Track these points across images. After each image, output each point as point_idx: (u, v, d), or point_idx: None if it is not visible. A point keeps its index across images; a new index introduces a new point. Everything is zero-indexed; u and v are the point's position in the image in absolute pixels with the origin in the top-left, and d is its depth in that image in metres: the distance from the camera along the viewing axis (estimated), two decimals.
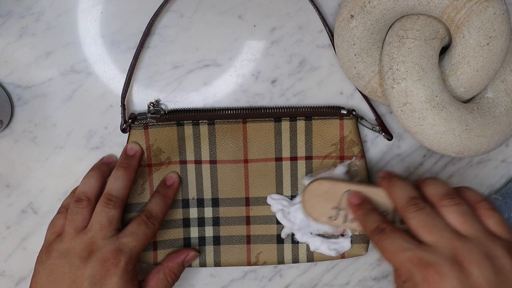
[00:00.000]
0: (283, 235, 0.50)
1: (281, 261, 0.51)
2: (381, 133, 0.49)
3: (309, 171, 0.49)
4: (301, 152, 0.49)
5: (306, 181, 0.47)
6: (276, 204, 0.49)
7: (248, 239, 0.50)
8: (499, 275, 0.36)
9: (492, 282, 0.36)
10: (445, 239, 0.38)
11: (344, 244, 0.49)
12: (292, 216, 0.48)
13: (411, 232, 0.39)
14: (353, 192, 0.44)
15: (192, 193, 0.50)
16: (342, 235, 0.49)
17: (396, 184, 0.42)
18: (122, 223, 0.47)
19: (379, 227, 0.41)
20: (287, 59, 0.49)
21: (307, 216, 0.46)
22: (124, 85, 0.48)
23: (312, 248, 0.49)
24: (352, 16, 0.44)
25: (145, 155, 0.48)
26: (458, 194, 0.40)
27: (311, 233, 0.49)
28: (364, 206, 0.43)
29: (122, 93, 0.48)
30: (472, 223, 0.38)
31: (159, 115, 0.48)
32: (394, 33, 0.44)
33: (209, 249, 0.51)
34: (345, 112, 0.48)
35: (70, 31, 0.48)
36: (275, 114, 0.48)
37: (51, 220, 0.47)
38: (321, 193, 0.45)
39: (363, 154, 0.49)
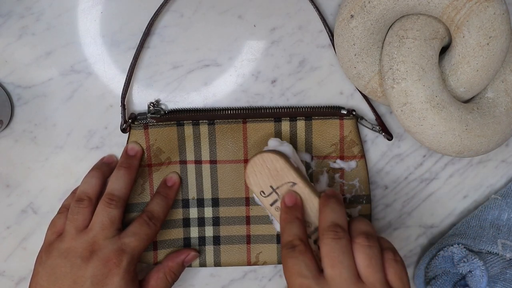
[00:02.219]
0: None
1: (281, 261, 0.51)
2: (381, 133, 0.49)
3: (309, 172, 0.49)
4: (301, 152, 0.49)
5: (270, 143, 0.46)
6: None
7: (248, 239, 0.50)
8: None
9: None
10: (341, 279, 0.38)
11: None
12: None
13: (320, 256, 0.39)
14: (292, 192, 0.43)
15: (192, 193, 0.50)
16: None
17: (330, 204, 0.42)
18: (123, 223, 0.47)
19: (292, 242, 0.40)
20: (287, 59, 0.49)
21: (246, 178, 0.45)
22: (124, 85, 0.48)
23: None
24: (352, 16, 0.44)
25: (145, 155, 0.48)
26: (376, 238, 0.40)
27: None
28: (293, 212, 0.42)
29: (122, 93, 0.48)
30: (375, 271, 0.38)
31: (159, 115, 0.48)
32: (394, 33, 0.44)
33: (209, 249, 0.51)
34: (345, 112, 0.48)
35: (70, 31, 0.48)
36: (275, 114, 0.48)
37: (52, 220, 0.47)
38: (271, 167, 0.43)
39: (363, 154, 0.49)
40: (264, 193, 0.44)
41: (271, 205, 0.44)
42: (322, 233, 0.40)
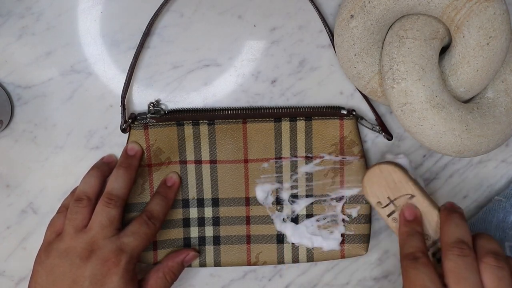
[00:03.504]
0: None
1: (281, 261, 0.51)
2: (381, 133, 0.49)
3: (308, 172, 0.49)
4: (301, 152, 0.49)
5: (388, 156, 0.46)
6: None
7: (248, 239, 0.50)
8: None
9: None
10: None
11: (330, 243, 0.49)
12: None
13: (443, 271, 0.39)
14: (411, 205, 0.43)
15: (192, 193, 0.50)
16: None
17: (454, 220, 0.41)
18: (122, 223, 0.47)
19: (414, 254, 0.40)
20: (287, 59, 0.49)
21: (362, 187, 0.45)
22: (124, 85, 0.48)
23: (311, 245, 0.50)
24: (352, 16, 0.44)
25: (145, 155, 0.48)
26: (506, 259, 0.39)
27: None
28: (413, 226, 0.43)
29: (122, 93, 0.48)
30: None
31: (159, 115, 0.48)
32: (394, 33, 0.44)
33: (209, 249, 0.51)
34: (345, 112, 0.48)
35: (70, 31, 0.48)
36: (275, 114, 0.48)
37: (51, 220, 0.47)
38: (389, 179, 0.44)
39: (363, 154, 0.49)
40: (381, 204, 0.44)
41: (388, 215, 0.44)
42: (446, 249, 0.40)
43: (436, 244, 0.43)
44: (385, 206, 0.44)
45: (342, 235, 0.50)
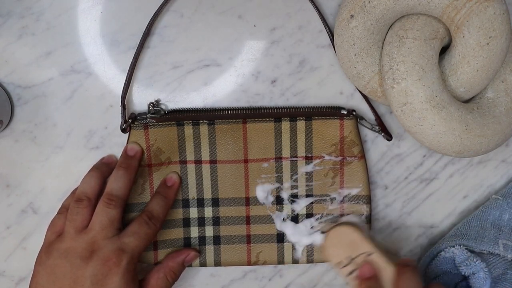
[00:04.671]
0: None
1: (281, 261, 0.51)
2: (381, 133, 0.49)
3: (308, 172, 0.49)
4: (301, 152, 0.49)
5: (348, 218, 0.49)
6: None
7: (248, 239, 0.50)
8: None
9: None
10: None
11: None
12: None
13: None
14: (368, 264, 0.45)
15: (192, 193, 0.50)
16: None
17: (407, 274, 0.44)
18: (123, 223, 0.47)
19: None
20: (287, 59, 0.49)
21: (324, 250, 0.48)
22: (124, 85, 0.48)
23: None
24: (352, 16, 0.44)
25: (145, 155, 0.48)
26: None
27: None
28: (370, 283, 0.45)
29: (122, 93, 0.48)
30: None
31: (159, 115, 0.48)
32: (394, 33, 0.44)
33: (209, 249, 0.51)
34: (345, 112, 0.48)
35: (70, 31, 0.48)
36: (275, 114, 0.48)
37: (51, 220, 0.47)
38: (348, 240, 0.46)
39: (363, 154, 0.49)
40: (342, 264, 0.46)
41: (348, 274, 0.46)
42: None
43: None
44: (346, 266, 0.46)
45: None
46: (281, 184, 0.50)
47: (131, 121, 0.48)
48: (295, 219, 0.50)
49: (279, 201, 0.50)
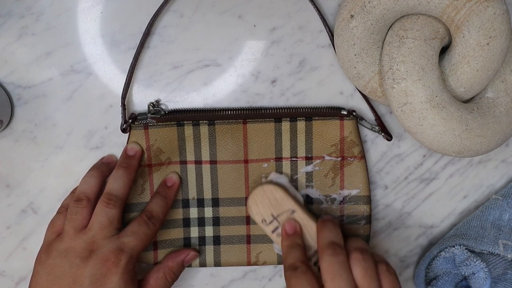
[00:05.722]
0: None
1: (281, 261, 0.51)
2: (381, 133, 0.49)
3: (309, 172, 0.49)
4: (301, 152, 0.49)
5: (271, 177, 0.49)
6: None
7: (248, 239, 0.50)
8: None
9: None
10: None
11: None
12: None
13: (320, 273, 0.42)
14: (291, 220, 0.47)
15: (192, 193, 0.50)
16: None
17: (328, 226, 0.45)
18: (122, 223, 0.47)
19: (294, 264, 0.43)
20: (287, 59, 0.49)
21: (248, 207, 0.48)
22: (124, 85, 0.48)
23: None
24: (352, 16, 0.44)
25: (145, 155, 0.48)
26: (369, 253, 0.43)
27: None
28: (293, 238, 0.46)
29: (122, 93, 0.48)
30: (371, 281, 0.41)
31: (159, 115, 0.48)
32: (394, 33, 0.44)
33: (209, 249, 0.51)
34: (345, 112, 0.48)
35: (70, 31, 0.48)
36: (275, 115, 0.48)
37: (51, 220, 0.47)
38: (271, 197, 0.47)
39: (363, 155, 0.49)
40: (266, 221, 0.47)
41: (273, 232, 0.47)
42: (321, 251, 0.43)
43: (317, 253, 0.45)
44: (270, 223, 0.47)
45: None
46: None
47: (131, 121, 0.48)
48: None
49: None
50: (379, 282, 0.42)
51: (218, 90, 0.49)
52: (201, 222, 0.50)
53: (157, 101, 0.49)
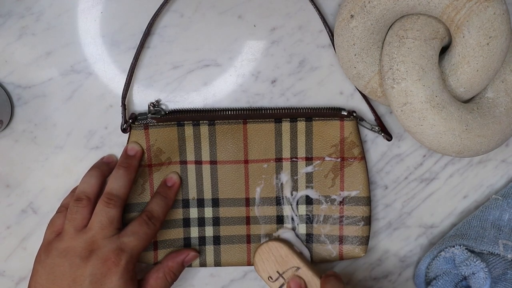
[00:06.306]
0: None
1: None
2: (381, 133, 0.49)
3: (309, 173, 0.49)
4: (301, 152, 0.49)
5: (278, 232, 0.50)
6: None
7: (248, 239, 0.50)
8: None
9: None
10: None
11: None
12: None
13: None
14: (295, 277, 0.48)
15: (192, 193, 0.50)
16: None
17: (330, 281, 0.46)
18: (122, 223, 0.47)
19: None
20: (287, 59, 0.49)
21: (254, 265, 0.49)
22: (124, 85, 0.48)
23: None
24: (352, 16, 0.44)
25: (146, 155, 0.48)
26: None
27: None
28: None
29: (122, 93, 0.48)
30: None
31: (160, 116, 0.48)
32: (394, 33, 0.44)
33: (209, 249, 0.51)
34: (345, 113, 0.48)
35: (70, 31, 0.48)
36: (275, 115, 0.48)
37: (51, 219, 0.47)
38: (277, 254, 0.48)
39: (363, 156, 0.49)
40: (272, 279, 0.48)
41: None
42: None
43: None
44: (276, 280, 0.48)
45: (341, 236, 0.50)
46: (281, 185, 0.50)
47: (131, 121, 0.48)
48: (294, 219, 0.50)
49: (278, 202, 0.50)
50: None
51: (218, 90, 0.49)
52: (201, 222, 0.50)
53: (157, 101, 0.49)
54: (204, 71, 0.49)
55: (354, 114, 0.48)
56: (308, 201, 0.50)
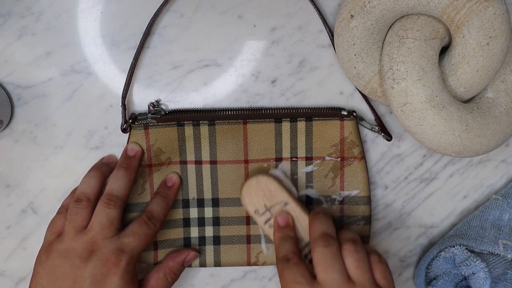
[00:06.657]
0: None
1: None
2: (381, 133, 0.49)
3: (309, 173, 0.49)
4: (301, 152, 0.49)
5: (272, 172, 0.49)
6: None
7: (248, 239, 0.50)
8: None
9: None
10: (334, 281, 0.41)
11: None
12: None
13: (313, 264, 0.43)
14: (283, 213, 0.47)
15: (192, 193, 0.50)
16: None
17: (319, 218, 0.45)
18: (123, 223, 0.47)
19: (287, 256, 0.44)
20: (287, 59, 0.49)
21: (241, 198, 0.48)
22: (124, 85, 0.48)
23: None
24: (352, 16, 0.44)
25: (146, 155, 0.48)
26: (362, 244, 0.44)
27: None
28: (285, 231, 0.46)
29: (122, 93, 0.48)
30: (363, 271, 0.42)
31: (160, 116, 0.48)
32: (394, 33, 0.44)
33: (209, 249, 0.51)
34: (345, 113, 0.48)
35: (70, 31, 0.48)
36: (275, 115, 0.48)
37: (51, 220, 0.47)
38: (265, 189, 0.47)
39: (363, 156, 0.49)
40: (259, 212, 0.47)
41: (265, 223, 0.47)
42: (313, 243, 0.43)
43: (308, 245, 0.46)
44: (262, 214, 0.47)
45: None
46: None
47: (131, 121, 0.48)
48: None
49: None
50: (371, 273, 0.42)
51: (218, 90, 0.49)
52: (201, 222, 0.50)
53: (157, 101, 0.49)
54: (204, 71, 0.49)
55: (354, 114, 0.48)
56: (308, 201, 0.50)
